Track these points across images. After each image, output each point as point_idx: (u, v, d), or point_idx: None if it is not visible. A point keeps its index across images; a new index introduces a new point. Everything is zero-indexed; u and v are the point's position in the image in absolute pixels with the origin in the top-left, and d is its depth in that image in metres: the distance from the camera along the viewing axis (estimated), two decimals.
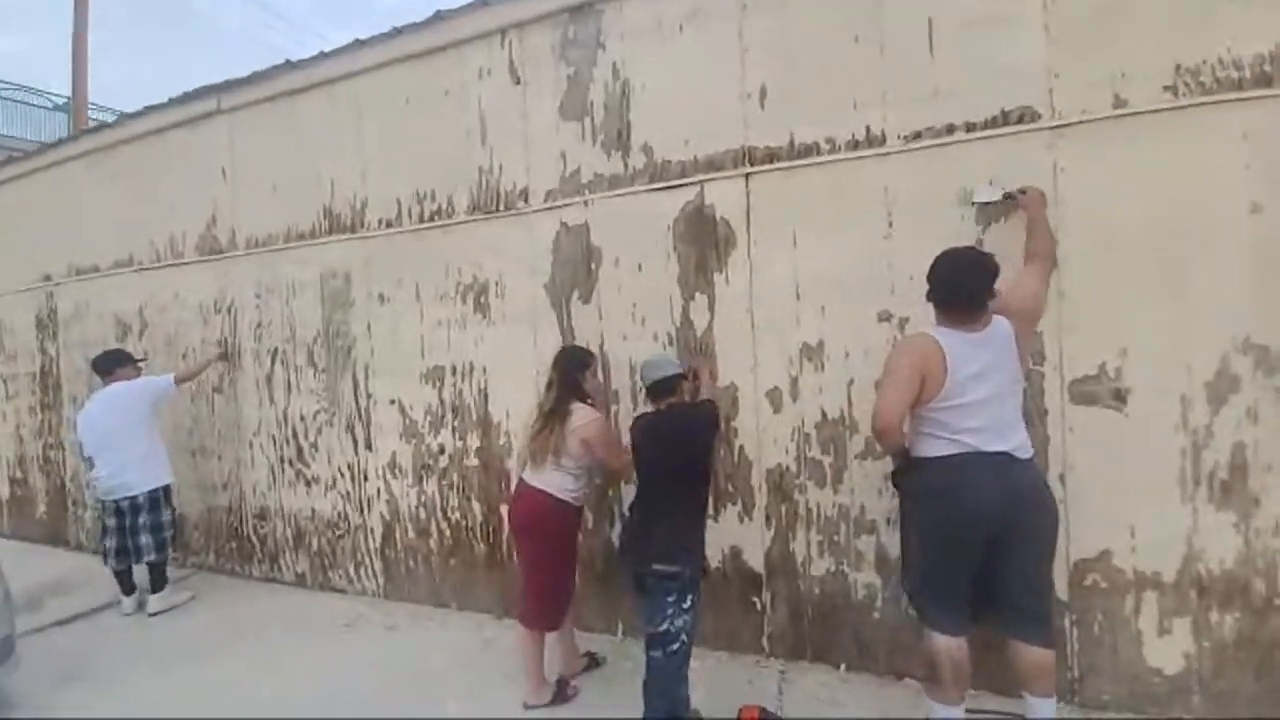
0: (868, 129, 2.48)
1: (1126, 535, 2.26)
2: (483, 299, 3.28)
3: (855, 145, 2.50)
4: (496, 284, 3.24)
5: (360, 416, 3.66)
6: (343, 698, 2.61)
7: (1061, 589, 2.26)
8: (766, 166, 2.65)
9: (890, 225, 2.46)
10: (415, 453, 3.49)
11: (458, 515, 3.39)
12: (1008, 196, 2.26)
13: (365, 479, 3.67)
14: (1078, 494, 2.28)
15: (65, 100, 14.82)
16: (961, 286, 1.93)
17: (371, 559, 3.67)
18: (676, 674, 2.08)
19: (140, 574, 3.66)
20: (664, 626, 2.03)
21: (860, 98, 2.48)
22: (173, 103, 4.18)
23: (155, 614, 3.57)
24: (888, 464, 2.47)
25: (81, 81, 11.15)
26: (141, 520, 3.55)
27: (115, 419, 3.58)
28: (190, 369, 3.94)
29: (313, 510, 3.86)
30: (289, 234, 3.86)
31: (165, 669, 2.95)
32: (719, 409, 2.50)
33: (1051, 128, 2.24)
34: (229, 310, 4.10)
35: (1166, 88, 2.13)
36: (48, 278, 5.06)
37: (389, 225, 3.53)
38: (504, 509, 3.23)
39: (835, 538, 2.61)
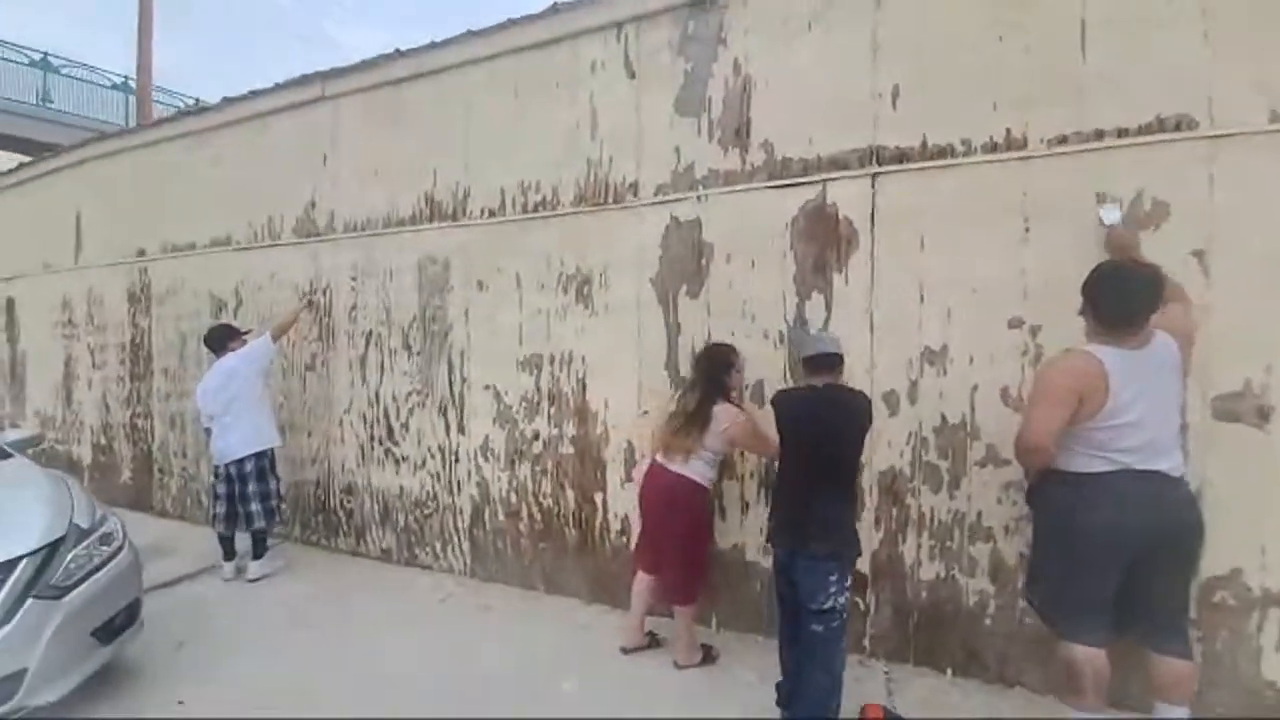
0: (1008, 131, 2.45)
1: (1258, 554, 2.22)
2: (585, 290, 3.33)
3: (993, 148, 2.47)
4: (601, 276, 3.28)
5: (454, 400, 3.75)
6: (474, 674, 2.69)
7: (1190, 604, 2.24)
8: (896, 167, 2.63)
9: (1026, 231, 2.44)
10: (509, 438, 3.57)
11: (550, 501, 3.46)
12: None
13: (456, 460, 3.75)
14: (1214, 511, 2.22)
15: (123, 79, 15.32)
16: (1131, 303, 1.89)
17: (459, 538, 3.76)
18: (838, 646, 2.12)
19: (241, 540, 3.82)
20: (828, 604, 2.07)
21: (1001, 99, 2.46)
22: (277, 88, 4.30)
23: (255, 579, 3.72)
24: (1010, 473, 2.47)
25: (146, 59, 11.42)
26: (250, 488, 3.69)
27: (230, 389, 3.72)
28: (281, 321, 4.03)
29: (401, 488, 3.97)
30: (388, 219, 3.95)
31: (280, 635, 3.07)
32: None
33: (1210, 138, 2.20)
34: (324, 292, 4.22)
35: None
36: (141, 253, 5.25)
37: (491, 214, 3.59)
38: (599, 497, 3.30)
39: (948, 543, 2.61)
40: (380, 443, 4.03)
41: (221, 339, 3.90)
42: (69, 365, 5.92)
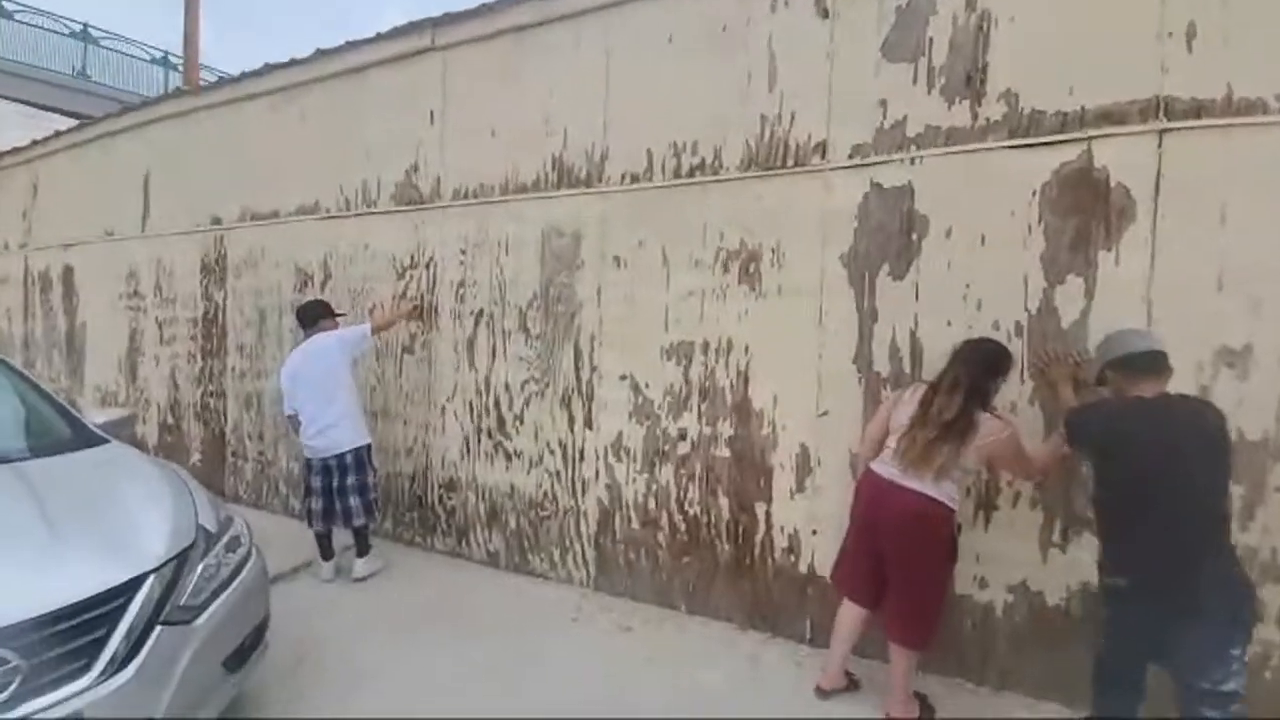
0: None
1: None
2: (752, 268, 2.87)
3: None
4: (774, 251, 2.82)
5: (580, 391, 3.33)
6: (642, 709, 2.31)
7: None
8: (1191, 123, 2.13)
9: None
10: (648, 436, 3.14)
11: (698, 509, 3.03)
12: None
13: (581, 458, 3.34)
14: None
15: (163, 54, 15.07)
16: None
17: (583, 546, 3.36)
18: None
19: (339, 536, 3.46)
20: (1230, 686, 1.61)
21: None
22: (379, 38, 3.87)
23: (362, 578, 3.36)
24: None
25: (195, 27, 11.07)
26: (350, 481, 3.33)
27: (321, 372, 3.34)
28: (385, 318, 3.65)
29: (512, 487, 3.57)
30: (506, 186, 3.52)
31: (406, 651, 2.70)
32: None
33: None
34: (427, 266, 3.82)
35: None
36: (217, 221, 4.90)
37: (634, 180, 3.14)
38: (761, 508, 2.87)
39: None
40: (489, 435, 3.64)
41: (315, 314, 3.51)
42: (134, 339, 5.62)
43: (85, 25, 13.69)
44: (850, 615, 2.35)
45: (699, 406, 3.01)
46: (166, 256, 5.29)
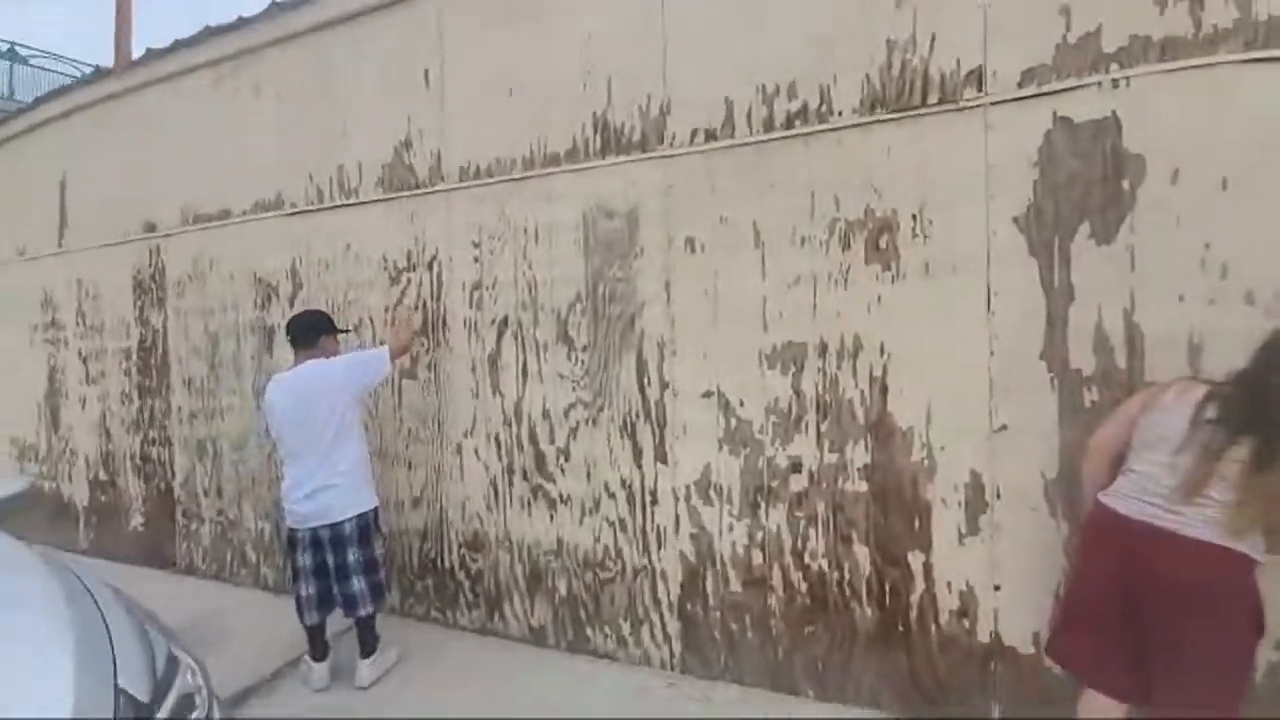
0: None
1: None
2: (884, 242, 2.19)
3: None
4: (914, 217, 2.14)
5: (647, 414, 2.58)
6: None
7: None
8: None
9: None
10: (746, 469, 2.41)
11: (824, 563, 2.31)
12: None
13: (653, 502, 2.59)
14: None
15: (8, 46, 13.67)
16: None
17: (662, 616, 2.60)
18: None
19: (335, 619, 2.61)
20: None
21: None
22: None
23: (369, 685, 2.51)
24: None
25: (125, 37, 9.88)
26: (351, 558, 2.49)
27: (320, 414, 2.49)
28: (402, 338, 2.81)
29: (559, 541, 2.79)
30: (531, 158, 2.76)
31: None
32: None
33: None
34: (430, 265, 3.02)
35: None
36: (151, 227, 3.97)
37: (709, 137, 2.43)
38: (916, 559, 2.17)
39: None
40: (524, 477, 2.85)
41: (311, 330, 2.65)
42: (54, 379, 4.61)
43: (12, 44, 12.53)
44: (1101, 712, 1.67)
45: (818, 427, 2.30)
46: (89, 275, 4.32)
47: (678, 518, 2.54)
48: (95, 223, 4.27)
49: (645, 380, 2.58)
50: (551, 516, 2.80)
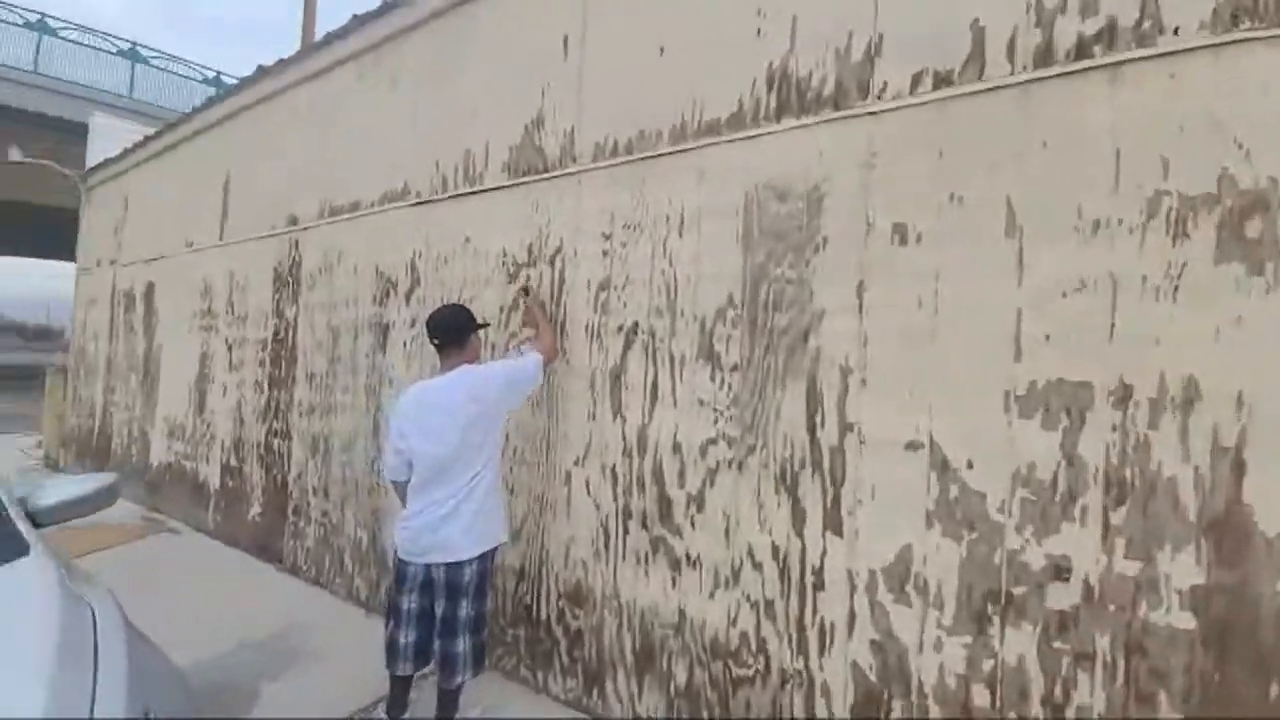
0: None
1: None
2: (1251, 229, 1.37)
3: None
4: None
5: (817, 463, 1.90)
6: None
7: None
8: None
9: None
10: (970, 561, 1.65)
11: None
12: None
13: (818, 586, 1.89)
14: None
15: (215, 74, 14.92)
16: None
17: None
18: None
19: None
20: None
21: None
22: None
23: None
24: None
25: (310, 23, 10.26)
26: (463, 613, 2.07)
27: (469, 429, 2.08)
28: (550, 340, 2.39)
29: (681, 614, 2.17)
30: (683, 128, 2.23)
31: None
32: None
33: None
34: (552, 260, 2.58)
35: None
36: (294, 221, 4.00)
37: (942, 83, 1.74)
38: None
39: None
40: (644, 524, 2.28)
41: (462, 329, 2.26)
42: (204, 364, 4.85)
43: (42, 15, 12.56)
44: None
45: (1105, 515, 1.48)
46: (240, 267, 4.48)
47: (853, 614, 1.81)
48: (250, 216, 4.43)
49: (818, 417, 1.90)
50: (674, 580, 2.18)
